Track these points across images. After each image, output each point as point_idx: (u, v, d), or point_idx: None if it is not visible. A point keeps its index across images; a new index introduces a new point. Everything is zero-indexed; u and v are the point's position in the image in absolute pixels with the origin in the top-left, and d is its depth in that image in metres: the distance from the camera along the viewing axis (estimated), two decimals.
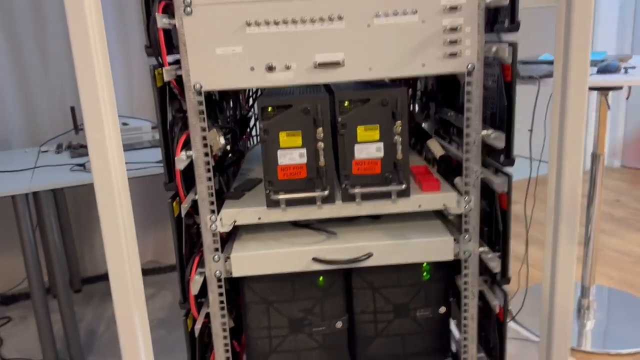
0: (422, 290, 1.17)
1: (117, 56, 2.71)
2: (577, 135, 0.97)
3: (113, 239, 0.99)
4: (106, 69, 0.93)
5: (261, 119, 1.04)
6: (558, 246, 1.03)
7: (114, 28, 2.70)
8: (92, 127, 0.94)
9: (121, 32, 2.74)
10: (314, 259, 1.08)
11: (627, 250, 2.93)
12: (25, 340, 2.37)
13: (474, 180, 1.06)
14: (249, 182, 1.26)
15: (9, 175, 2.07)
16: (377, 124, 1.04)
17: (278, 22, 0.96)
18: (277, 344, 1.16)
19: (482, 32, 0.98)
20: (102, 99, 0.93)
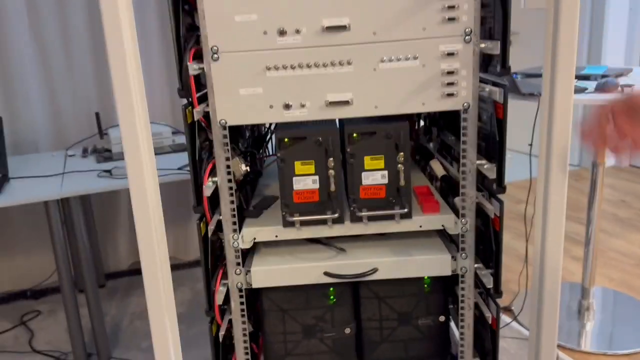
0: (423, 301, 1.30)
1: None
2: (563, 142, 1.05)
3: (146, 238, 1.08)
4: (139, 79, 1.02)
5: (278, 149, 1.16)
6: (546, 246, 1.13)
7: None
8: (127, 135, 1.02)
9: (141, 40, 2.87)
10: (326, 273, 1.21)
11: (630, 251, 3.02)
12: (54, 333, 2.53)
13: (469, 204, 1.18)
14: (266, 200, 1.39)
15: (41, 180, 2.22)
16: (382, 154, 1.16)
17: (294, 67, 1.08)
18: (292, 348, 1.30)
19: (477, 75, 1.10)
20: (137, 108, 1.02)
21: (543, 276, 1.14)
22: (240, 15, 1.05)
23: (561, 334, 2.23)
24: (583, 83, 2.03)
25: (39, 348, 2.40)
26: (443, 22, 1.06)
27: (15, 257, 2.91)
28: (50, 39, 2.72)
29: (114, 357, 2.28)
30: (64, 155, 2.63)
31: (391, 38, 1.07)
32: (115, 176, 2.20)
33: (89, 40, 2.79)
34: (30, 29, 2.67)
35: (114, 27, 0.96)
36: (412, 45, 1.07)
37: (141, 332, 2.46)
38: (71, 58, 2.78)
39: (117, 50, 0.97)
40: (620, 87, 1.89)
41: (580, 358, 2.09)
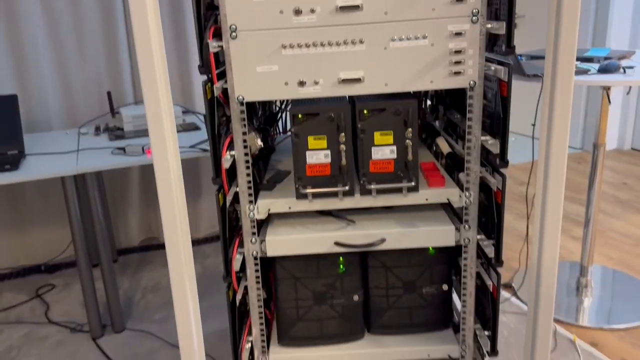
0: (427, 270, 1.37)
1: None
2: (563, 123, 1.10)
3: (168, 212, 1.14)
4: (163, 62, 1.05)
5: (292, 125, 1.22)
6: (545, 225, 1.19)
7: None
8: (152, 113, 1.08)
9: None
10: (336, 242, 1.28)
11: (629, 232, 3.08)
12: (69, 305, 2.62)
13: (473, 178, 1.24)
14: (279, 174, 1.45)
15: (56, 156, 2.29)
16: (391, 130, 1.22)
17: (309, 45, 1.14)
18: (303, 313, 1.37)
19: (483, 54, 1.15)
20: (160, 88, 1.07)
21: (541, 253, 1.20)
22: None
23: (560, 310, 2.31)
24: (586, 65, 2.08)
25: (55, 319, 2.49)
26: (451, 2, 1.11)
27: (29, 232, 2.99)
28: (62, 20, 2.77)
29: (129, 328, 2.37)
30: (76, 133, 2.69)
31: (402, 18, 1.12)
32: (129, 153, 2.27)
33: (100, 21, 2.83)
34: (42, 11, 2.72)
35: (141, 12, 1.01)
36: (421, 25, 1.12)
37: (153, 305, 2.54)
38: (83, 39, 2.83)
39: (143, 34, 1.02)
40: (622, 69, 1.94)
41: (577, 332, 2.16)
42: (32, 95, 2.80)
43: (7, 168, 2.11)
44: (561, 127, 1.11)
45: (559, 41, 1.06)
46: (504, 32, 1.08)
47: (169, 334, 2.29)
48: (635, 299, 2.39)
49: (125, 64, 2.91)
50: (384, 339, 1.41)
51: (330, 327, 1.39)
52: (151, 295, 2.66)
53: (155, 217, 3.23)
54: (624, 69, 1.93)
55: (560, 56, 1.07)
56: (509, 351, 2.03)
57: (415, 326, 1.41)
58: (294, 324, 1.38)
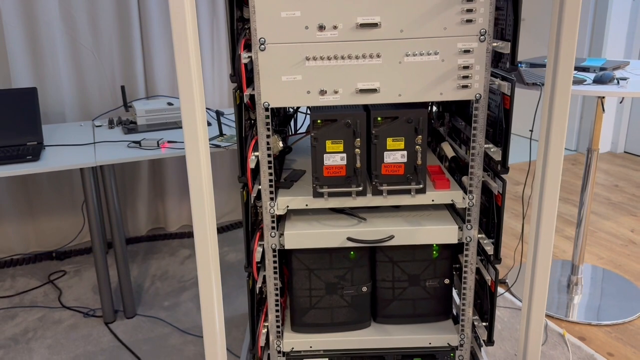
0: (431, 265, 1.49)
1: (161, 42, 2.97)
2: (560, 128, 1.20)
3: (198, 200, 1.21)
4: (198, 62, 1.13)
5: (312, 129, 1.33)
6: (540, 225, 1.29)
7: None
8: (187, 110, 1.15)
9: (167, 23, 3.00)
10: (348, 238, 1.39)
11: (619, 233, 3.21)
12: (81, 291, 2.72)
13: (476, 182, 1.36)
14: (295, 173, 1.56)
15: (73, 148, 2.38)
16: (402, 136, 1.33)
17: (330, 58, 1.25)
18: (316, 302, 1.49)
19: (489, 70, 1.26)
20: (195, 88, 1.15)
21: (537, 251, 1.32)
22: (286, 12, 1.21)
23: (552, 306, 2.44)
24: (582, 75, 2.19)
25: (68, 304, 2.59)
26: (462, 23, 1.22)
27: (41, 220, 3.09)
28: (78, 16, 2.86)
29: (139, 314, 2.48)
30: (91, 125, 2.78)
31: (416, 35, 1.23)
32: (145, 147, 2.36)
33: (115, 17, 2.92)
34: (59, 6, 2.80)
35: (180, 17, 1.11)
36: (433, 42, 1.23)
37: (162, 293, 2.65)
38: (98, 34, 2.92)
39: (181, 39, 1.12)
40: (616, 80, 2.05)
41: (567, 327, 2.29)
42: (47, 87, 2.89)
43: (29, 159, 2.21)
44: (558, 134, 1.22)
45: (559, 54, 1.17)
46: (509, 51, 1.19)
47: (178, 320, 2.40)
48: (622, 297, 2.52)
49: (138, 59, 3.00)
50: (388, 327, 1.53)
51: (340, 315, 1.50)
52: (160, 283, 2.76)
53: (162, 207, 3.33)
54: (618, 80, 2.04)
55: (559, 68, 1.18)
56: (503, 343, 2.16)
57: (418, 316, 1.53)
58: (307, 311, 1.49)
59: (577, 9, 1.15)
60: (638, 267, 2.79)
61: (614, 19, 4.30)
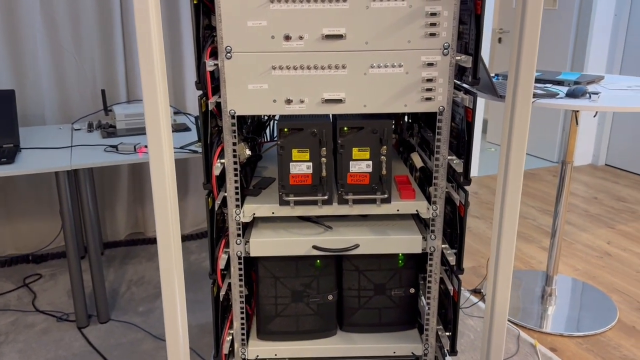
0: (397, 274, 1.50)
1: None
2: (521, 141, 1.23)
3: (162, 207, 1.22)
4: (162, 65, 1.14)
5: (279, 138, 1.34)
6: (502, 234, 1.32)
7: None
8: (150, 115, 1.15)
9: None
10: (314, 246, 1.40)
11: (595, 245, 3.25)
12: (55, 294, 2.70)
13: (440, 193, 1.37)
14: (264, 180, 1.57)
15: (50, 151, 2.37)
16: (368, 146, 1.34)
17: (296, 67, 1.26)
18: (281, 310, 1.49)
19: (452, 82, 1.28)
20: (159, 91, 1.15)
21: (499, 257, 1.34)
22: (252, 21, 1.22)
23: (525, 316, 2.46)
24: (556, 88, 2.22)
25: (41, 308, 2.57)
26: (425, 36, 1.24)
27: (18, 223, 3.06)
28: (60, 18, 2.85)
29: (113, 319, 2.46)
30: (70, 128, 2.77)
31: (381, 48, 1.25)
32: (121, 151, 2.36)
33: (97, 20, 2.92)
34: (41, 8, 2.80)
35: (144, 18, 1.11)
36: (398, 55, 1.25)
37: (138, 298, 2.64)
38: (79, 37, 2.91)
39: (145, 38, 1.11)
40: (588, 94, 2.08)
41: (539, 338, 2.31)
42: (27, 90, 2.88)
43: (4, 161, 2.19)
44: (519, 146, 1.24)
45: (520, 67, 1.20)
46: (471, 65, 1.21)
47: (151, 326, 2.39)
48: (595, 309, 2.55)
49: (119, 63, 3.00)
50: (354, 336, 1.53)
51: (305, 323, 1.51)
52: (135, 288, 2.75)
53: (142, 212, 3.32)
54: (590, 94, 2.07)
55: (520, 80, 1.21)
56: (475, 353, 2.17)
57: (383, 325, 1.53)
58: (273, 319, 1.50)
59: (537, 23, 1.18)
60: (612, 279, 2.82)
61: (596, 33, 4.37)
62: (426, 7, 1.21)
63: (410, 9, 1.21)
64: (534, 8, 1.16)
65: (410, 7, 1.21)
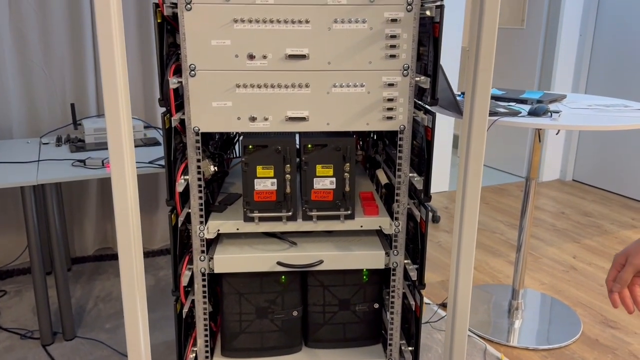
0: (361, 290, 1.51)
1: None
2: (477, 157, 1.27)
3: (123, 224, 1.24)
4: (125, 78, 1.14)
5: (243, 154, 1.35)
6: (461, 247, 1.35)
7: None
8: (112, 128, 1.16)
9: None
10: (278, 262, 1.41)
11: (561, 259, 3.32)
12: (20, 311, 2.64)
13: (402, 209, 1.40)
14: (230, 196, 1.57)
15: (16, 166, 2.34)
16: (331, 163, 1.36)
17: (260, 86, 1.28)
18: (246, 326, 1.49)
19: (412, 102, 1.32)
20: (121, 105, 1.16)
21: (458, 275, 1.37)
22: (216, 40, 1.24)
23: (492, 330, 2.49)
24: (519, 107, 2.29)
25: (5, 326, 2.51)
26: (386, 58, 1.27)
27: None
28: (29, 32, 2.83)
29: (79, 337, 2.42)
30: (38, 142, 2.74)
31: (343, 68, 1.28)
32: (89, 166, 2.34)
33: (66, 33, 2.90)
34: (10, 22, 2.77)
35: (106, 29, 1.11)
36: (359, 75, 1.28)
37: (105, 314, 2.60)
38: (49, 50, 2.89)
39: (108, 50, 1.12)
40: (549, 112, 2.15)
41: (506, 351, 2.34)
42: None
43: None
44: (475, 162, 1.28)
45: (476, 86, 1.24)
46: (429, 86, 1.24)
47: (118, 343, 2.35)
48: (561, 322, 2.61)
49: (90, 76, 2.99)
50: (319, 352, 1.54)
51: (270, 339, 1.51)
52: (103, 304, 2.71)
53: (111, 227, 3.28)
54: (551, 112, 2.14)
55: (477, 97, 1.25)
56: None
57: (348, 340, 1.55)
58: (237, 336, 1.50)
59: (493, 42, 1.22)
60: (577, 293, 2.88)
61: (562, 52, 4.51)
62: (386, 29, 1.25)
63: (371, 31, 1.25)
64: (489, 25, 1.21)
65: (371, 29, 1.25)
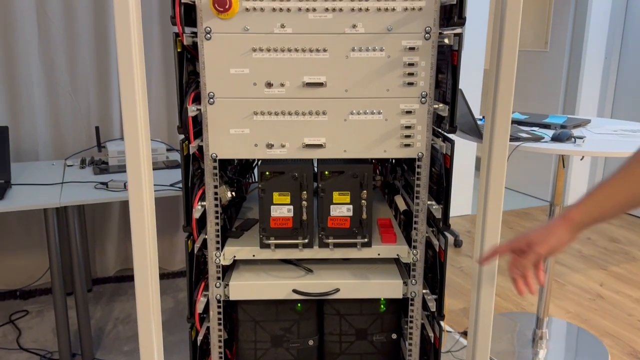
0: (379, 319, 1.48)
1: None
2: (498, 184, 1.26)
3: (140, 248, 1.25)
4: (144, 98, 1.18)
5: (260, 181, 1.35)
6: (482, 273, 1.32)
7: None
8: (131, 153, 1.20)
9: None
10: (294, 290, 1.39)
11: (588, 287, 3.22)
12: (41, 332, 2.66)
13: (420, 238, 1.38)
14: (247, 222, 1.57)
15: (41, 188, 2.38)
16: (348, 190, 1.35)
17: (278, 113, 1.28)
18: (261, 355, 1.47)
19: (430, 129, 1.30)
20: (140, 128, 1.20)
21: (479, 302, 1.33)
22: (235, 69, 1.25)
23: None
24: (542, 132, 2.25)
25: (26, 346, 2.53)
26: (404, 85, 1.27)
27: (7, 258, 3.05)
28: (57, 57, 2.91)
29: (97, 358, 2.42)
30: (62, 164, 2.79)
31: (360, 96, 1.27)
32: (111, 189, 2.37)
33: (92, 57, 2.97)
34: (39, 45, 2.86)
35: (126, 52, 1.14)
36: (377, 102, 1.28)
37: (123, 337, 2.60)
38: (75, 74, 2.96)
39: (127, 73, 1.15)
40: (573, 138, 2.11)
41: None
42: (22, 126, 2.91)
43: None
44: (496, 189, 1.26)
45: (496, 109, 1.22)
46: (448, 113, 1.23)
47: None
48: (587, 353, 2.52)
49: (115, 99, 3.04)
50: None
51: None
52: (122, 326, 2.71)
53: (132, 248, 3.30)
54: (575, 138, 2.10)
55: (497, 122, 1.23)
56: None
57: None
58: None
59: (513, 65, 1.21)
60: (604, 323, 2.79)
61: (587, 76, 4.44)
62: (404, 57, 1.25)
63: (389, 59, 1.25)
64: (509, 47, 1.19)
65: (389, 57, 1.25)
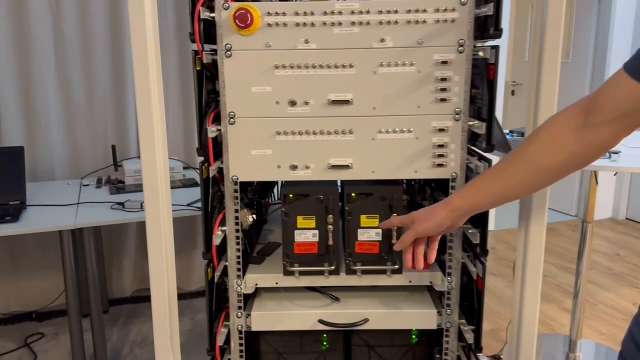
0: (410, 351, 1.39)
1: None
2: (542, 201, 1.19)
3: (157, 266, 1.21)
4: (162, 115, 1.15)
5: (283, 204, 1.28)
6: (524, 295, 1.24)
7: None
8: (148, 172, 1.18)
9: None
10: (320, 320, 1.31)
11: (620, 306, 3.08)
12: (56, 355, 2.61)
13: (455, 264, 1.29)
14: (269, 246, 1.49)
15: (56, 209, 2.33)
16: (377, 213, 1.27)
17: (302, 133, 1.21)
18: None
19: (465, 148, 1.22)
20: (157, 145, 1.17)
21: (521, 324, 1.24)
22: (257, 87, 1.18)
23: None
24: None
25: None
26: (436, 101, 1.19)
27: (23, 279, 3.01)
28: (73, 76, 2.89)
29: None
30: (78, 184, 2.75)
31: (389, 113, 1.19)
32: (128, 209, 2.32)
33: (109, 76, 2.95)
34: (56, 64, 2.84)
35: (143, 68, 1.11)
36: (407, 120, 1.20)
37: None
38: (92, 94, 2.94)
39: (144, 91, 1.11)
40: (608, 154, 2.00)
41: None
42: (38, 145, 2.88)
43: (8, 219, 2.16)
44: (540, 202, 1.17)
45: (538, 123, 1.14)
46: (484, 131, 1.14)
47: None
48: None
49: (131, 118, 3.01)
50: None
51: None
52: (139, 349, 2.65)
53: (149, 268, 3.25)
54: (610, 153, 2.00)
55: None
56: None
57: None
58: None
59: (555, 78, 1.13)
60: None
61: None
62: (436, 72, 1.17)
63: (419, 73, 1.17)
64: (551, 62, 1.12)
65: (419, 72, 1.17)
